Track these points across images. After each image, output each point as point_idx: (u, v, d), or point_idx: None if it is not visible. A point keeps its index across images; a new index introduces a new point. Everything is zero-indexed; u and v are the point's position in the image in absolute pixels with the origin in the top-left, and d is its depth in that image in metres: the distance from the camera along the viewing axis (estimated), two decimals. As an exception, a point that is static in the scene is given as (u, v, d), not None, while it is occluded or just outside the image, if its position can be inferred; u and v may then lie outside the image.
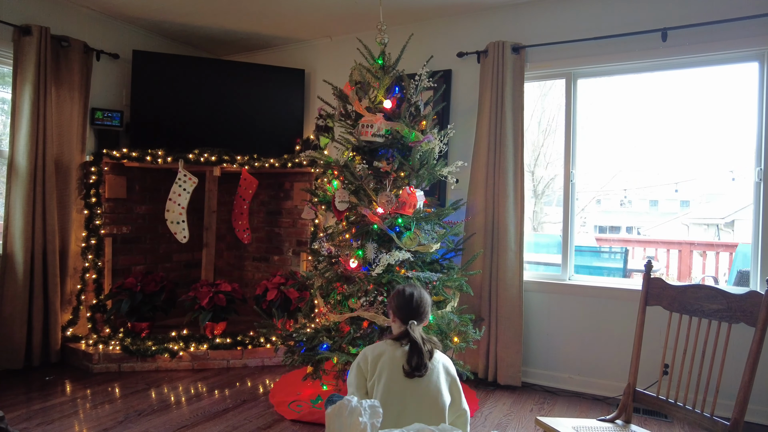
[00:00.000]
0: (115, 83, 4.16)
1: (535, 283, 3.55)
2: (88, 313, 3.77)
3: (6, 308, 3.40)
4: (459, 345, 2.92)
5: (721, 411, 1.98)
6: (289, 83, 4.39)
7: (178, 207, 3.85)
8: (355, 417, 1.90)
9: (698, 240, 6.36)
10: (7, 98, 3.65)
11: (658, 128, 5.46)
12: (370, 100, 3.04)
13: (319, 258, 3.22)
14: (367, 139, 2.96)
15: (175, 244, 4.40)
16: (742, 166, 3.89)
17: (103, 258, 3.87)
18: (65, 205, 3.70)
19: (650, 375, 3.01)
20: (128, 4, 3.84)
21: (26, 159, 3.43)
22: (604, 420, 2.00)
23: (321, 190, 3.25)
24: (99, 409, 2.90)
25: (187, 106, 4.15)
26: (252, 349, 3.74)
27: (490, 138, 3.49)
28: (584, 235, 6.82)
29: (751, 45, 2.96)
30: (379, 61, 3.06)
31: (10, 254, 3.43)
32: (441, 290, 3.02)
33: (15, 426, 2.59)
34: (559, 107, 3.67)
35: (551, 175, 6.54)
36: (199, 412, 2.90)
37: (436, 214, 3.04)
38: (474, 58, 3.71)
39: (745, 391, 1.69)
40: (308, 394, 3.12)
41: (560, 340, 3.47)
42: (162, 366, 3.59)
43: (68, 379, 3.38)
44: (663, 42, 3.13)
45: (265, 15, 3.97)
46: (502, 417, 2.96)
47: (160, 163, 3.85)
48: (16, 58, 3.44)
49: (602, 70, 3.45)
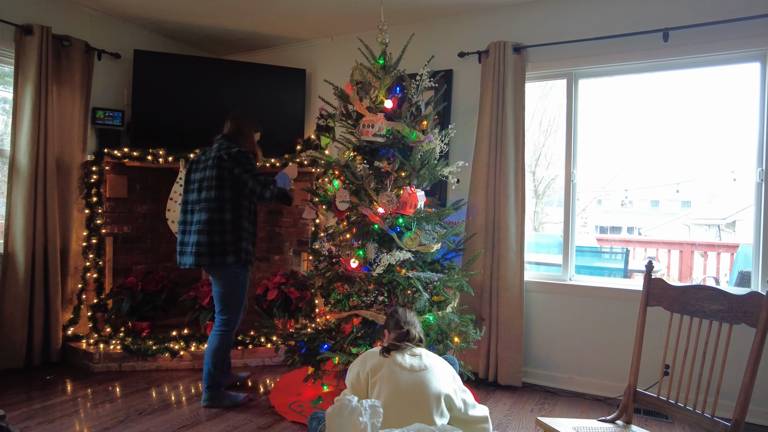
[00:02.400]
0: (116, 83, 4.16)
1: (535, 283, 3.55)
2: (89, 312, 3.77)
3: (7, 307, 3.40)
4: (459, 345, 2.92)
5: (721, 412, 1.97)
6: (290, 83, 4.39)
7: (178, 206, 3.85)
8: (355, 417, 1.90)
9: (699, 240, 6.36)
10: (8, 98, 3.65)
11: (659, 128, 5.45)
12: (371, 99, 3.04)
13: (319, 258, 3.22)
14: (368, 139, 2.96)
15: (176, 243, 4.39)
16: (744, 166, 3.89)
17: (104, 257, 3.88)
18: (66, 205, 3.71)
19: (651, 375, 3.01)
20: (129, 4, 3.84)
21: (27, 158, 3.43)
22: (605, 420, 1.99)
23: (322, 190, 3.25)
24: (99, 408, 2.90)
25: (188, 106, 4.15)
26: (252, 349, 3.74)
27: (491, 138, 3.49)
28: (585, 236, 6.82)
29: (753, 45, 2.95)
30: (380, 61, 3.06)
31: (12, 253, 3.43)
32: (442, 290, 3.02)
33: (16, 425, 2.60)
34: (560, 107, 3.67)
35: (552, 175, 6.54)
36: (200, 411, 2.90)
37: (437, 214, 3.04)
38: (475, 58, 3.71)
39: (746, 392, 1.68)
40: (309, 395, 3.12)
41: (561, 341, 3.47)
42: (162, 365, 3.60)
43: (69, 378, 3.38)
44: (664, 42, 3.12)
45: (266, 15, 3.97)
46: (503, 417, 2.95)
47: (161, 162, 3.86)
48: (18, 57, 3.44)
49: (603, 71, 3.45)
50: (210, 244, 2.83)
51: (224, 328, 2.95)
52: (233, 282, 2.92)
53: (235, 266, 2.89)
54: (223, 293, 2.93)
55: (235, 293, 2.94)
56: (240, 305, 2.99)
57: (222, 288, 2.93)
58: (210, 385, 2.94)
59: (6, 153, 3.53)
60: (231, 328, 2.97)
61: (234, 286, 2.93)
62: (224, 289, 2.92)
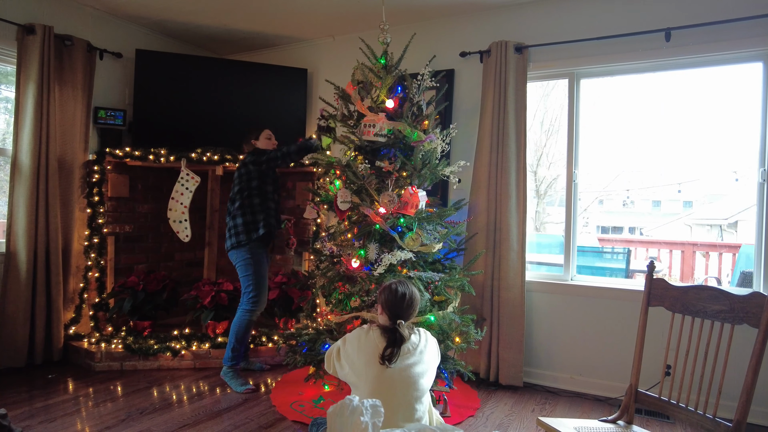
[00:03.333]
0: (118, 82, 4.17)
1: (537, 283, 3.54)
2: (91, 311, 3.78)
3: (9, 306, 3.41)
4: (460, 345, 2.92)
5: (723, 412, 1.97)
6: (292, 82, 4.39)
7: (180, 206, 3.86)
8: (356, 416, 1.90)
9: (701, 241, 6.35)
10: (10, 97, 3.66)
11: (661, 128, 5.45)
12: (373, 99, 3.04)
13: (321, 257, 3.22)
14: (370, 139, 2.95)
15: (178, 243, 4.40)
16: (746, 166, 3.89)
17: (106, 256, 3.88)
18: (68, 204, 3.71)
19: (652, 376, 3.01)
20: (131, 3, 3.85)
21: (29, 158, 3.44)
22: (606, 421, 1.99)
23: (323, 190, 3.26)
24: (101, 407, 2.91)
25: (189, 105, 4.15)
26: (254, 349, 3.75)
27: (493, 138, 3.49)
28: (587, 236, 6.82)
29: (756, 45, 2.95)
30: (382, 61, 3.06)
31: (14, 252, 3.44)
32: (443, 290, 3.02)
33: (17, 423, 2.60)
34: (562, 107, 3.67)
35: (554, 175, 6.53)
36: (201, 410, 2.90)
37: (438, 214, 3.04)
38: (477, 58, 3.71)
39: (748, 392, 1.68)
40: (310, 395, 3.12)
41: (562, 341, 3.46)
42: (164, 365, 3.60)
43: (70, 377, 3.39)
44: (666, 42, 3.12)
45: (267, 14, 3.97)
46: (504, 417, 2.95)
47: (162, 162, 3.86)
48: (20, 56, 3.45)
49: (605, 70, 3.44)
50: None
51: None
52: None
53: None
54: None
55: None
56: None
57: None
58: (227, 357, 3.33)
59: (8, 152, 3.54)
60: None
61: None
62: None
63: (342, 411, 1.91)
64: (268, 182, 3.38)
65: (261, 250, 3.33)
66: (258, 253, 3.30)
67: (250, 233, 3.26)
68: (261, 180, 3.34)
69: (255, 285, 3.28)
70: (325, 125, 3.35)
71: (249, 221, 3.28)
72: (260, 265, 3.30)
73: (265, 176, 3.36)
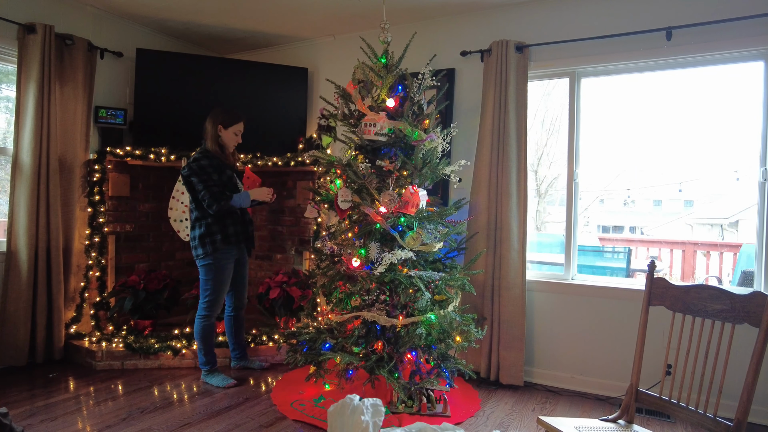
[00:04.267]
0: (119, 81, 4.17)
1: (537, 282, 3.54)
2: (92, 310, 3.78)
3: (10, 305, 3.41)
4: (461, 344, 2.92)
5: (724, 412, 1.97)
6: (292, 82, 4.39)
7: (181, 205, 3.87)
8: (357, 415, 1.90)
9: (702, 240, 6.35)
10: (11, 96, 3.66)
11: (662, 128, 5.44)
12: (373, 98, 3.04)
13: (321, 257, 3.22)
14: (370, 138, 2.95)
15: (178, 242, 4.41)
16: (747, 165, 3.88)
17: (107, 256, 3.89)
18: (69, 203, 3.71)
19: (653, 375, 3.01)
20: (132, 3, 3.85)
21: (30, 157, 3.44)
22: (607, 420, 1.99)
23: (324, 189, 3.26)
24: (102, 406, 2.91)
25: (190, 104, 4.15)
26: (254, 347, 3.75)
27: (494, 137, 3.48)
28: (587, 235, 6.82)
29: (756, 44, 2.94)
30: (382, 60, 3.06)
31: (14, 252, 3.44)
32: (443, 289, 3.02)
33: (19, 422, 2.61)
34: (563, 106, 3.66)
35: (554, 174, 6.52)
36: (202, 409, 2.91)
37: (439, 214, 3.04)
38: (477, 57, 3.71)
39: (749, 391, 1.68)
40: (311, 394, 3.12)
41: (563, 340, 3.46)
42: (165, 363, 3.61)
43: (71, 376, 3.39)
44: (667, 41, 3.11)
45: (268, 13, 3.97)
46: (504, 416, 2.95)
47: (163, 161, 3.86)
48: (21, 56, 3.45)
49: (606, 69, 3.44)
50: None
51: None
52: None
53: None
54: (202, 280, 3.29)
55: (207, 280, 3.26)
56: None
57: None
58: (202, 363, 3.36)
59: (9, 152, 3.54)
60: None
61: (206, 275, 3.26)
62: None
63: (343, 410, 1.92)
64: (226, 188, 3.17)
65: (227, 255, 3.21)
66: (221, 259, 3.18)
67: (205, 246, 3.14)
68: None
69: (212, 291, 3.21)
70: (325, 124, 3.35)
71: (204, 234, 3.15)
72: (222, 271, 3.20)
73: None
